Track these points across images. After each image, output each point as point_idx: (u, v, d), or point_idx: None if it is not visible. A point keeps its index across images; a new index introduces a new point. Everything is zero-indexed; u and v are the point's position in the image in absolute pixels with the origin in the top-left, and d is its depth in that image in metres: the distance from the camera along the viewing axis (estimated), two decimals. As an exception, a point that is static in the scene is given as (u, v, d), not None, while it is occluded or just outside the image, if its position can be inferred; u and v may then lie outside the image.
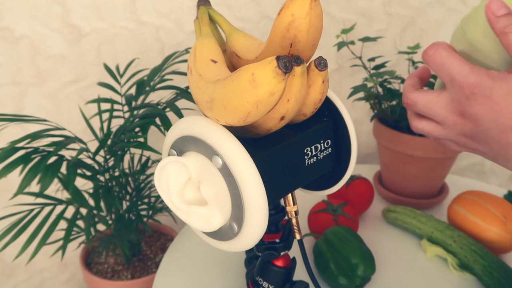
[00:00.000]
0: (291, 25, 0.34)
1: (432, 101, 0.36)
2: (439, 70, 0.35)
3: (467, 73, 0.33)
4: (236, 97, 0.33)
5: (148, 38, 0.93)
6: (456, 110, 0.34)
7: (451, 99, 0.34)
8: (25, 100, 0.91)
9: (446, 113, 0.35)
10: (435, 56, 0.35)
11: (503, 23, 0.33)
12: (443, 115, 0.35)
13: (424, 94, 0.36)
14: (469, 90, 0.33)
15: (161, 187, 0.37)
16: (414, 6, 1.00)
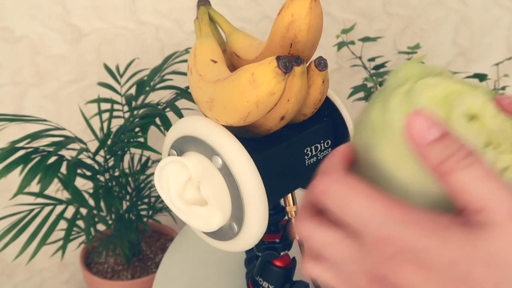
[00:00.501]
0: (291, 25, 0.34)
1: (337, 247, 0.23)
2: (340, 212, 0.22)
3: (384, 220, 0.21)
4: (236, 97, 0.33)
5: (148, 38, 0.93)
6: (372, 272, 0.21)
7: (362, 252, 0.22)
8: (25, 100, 0.91)
9: (354, 269, 0.22)
10: (331, 195, 0.22)
11: (438, 156, 0.20)
12: (352, 271, 0.22)
13: (324, 231, 0.23)
14: (390, 247, 0.20)
15: (161, 187, 0.37)
16: (414, 6, 1.00)
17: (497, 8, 1.01)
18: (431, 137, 0.21)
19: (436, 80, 0.24)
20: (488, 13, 1.01)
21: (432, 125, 0.21)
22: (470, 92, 0.24)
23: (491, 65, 0.82)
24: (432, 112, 0.22)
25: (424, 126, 0.21)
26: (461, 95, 0.24)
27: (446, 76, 0.27)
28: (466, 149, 0.20)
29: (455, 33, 1.03)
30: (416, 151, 0.21)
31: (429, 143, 0.20)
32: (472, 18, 1.02)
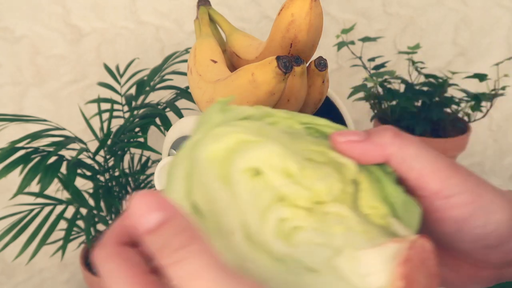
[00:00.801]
0: (291, 25, 0.34)
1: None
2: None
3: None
4: (236, 97, 0.33)
5: (148, 38, 0.93)
6: None
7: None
8: (25, 100, 0.91)
9: None
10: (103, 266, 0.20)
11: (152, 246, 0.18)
12: None
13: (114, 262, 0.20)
14: None
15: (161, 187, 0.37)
16: (414, 6, 1.00)
17: (497, 8, 1.01)
18: (147, 226, 0.18)
19: (224, 130, 0.22)
20: (488, 13, 1.01)
21: (151, 210, 0.18)
22: (256, 143, 0.22)
23: (491, 65, 0.82)
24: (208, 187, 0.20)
25: (141, 212, 0.18)
26: (245, 147, 0.21)
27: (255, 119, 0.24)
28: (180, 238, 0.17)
29: (455, 33, 1.03)
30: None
31: (145, 232, 0.18)
32: (472, 18, 1.02)
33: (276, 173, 0.21)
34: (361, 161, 0.23)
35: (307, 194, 0.21)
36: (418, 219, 0.23)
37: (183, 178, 0.21)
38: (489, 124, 1.12)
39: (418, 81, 0.77)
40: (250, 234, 0.20)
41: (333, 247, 0.20)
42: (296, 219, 0.20)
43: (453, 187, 0.23)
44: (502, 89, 0.73)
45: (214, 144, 0.22)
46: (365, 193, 0.22)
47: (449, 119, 0.75)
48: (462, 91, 0.75)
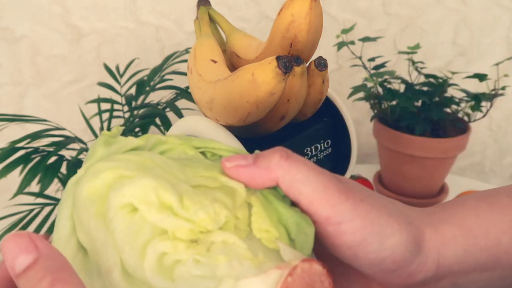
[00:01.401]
0: (291, 25, 0.34)
1: None
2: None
3: None
4: (236, 97, 0.33)
5: (148, 38, 0.93)
6: None
7: None
8: (25, 100, 0.91)
9: None
10: None
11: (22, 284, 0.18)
12: None
13: None
14: None
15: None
16: (414, 6, 1.00)
17: (497, 8, 1.01)
18: (20, 268, 0.18)
19: (103, 165, 0.22)
20: (488, 13, 1.01)
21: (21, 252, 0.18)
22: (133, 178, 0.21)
23: (491, 65, 0.82)
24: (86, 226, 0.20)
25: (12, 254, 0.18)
26: (121, 183, 0.21)
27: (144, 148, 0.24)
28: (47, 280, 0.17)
29: (455, 33, 1.03)
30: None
31: (15, 275, 0.18)
32: (472, 18, 1.02)
33: (152, 207, 0.20)
34: (251, 185, 0.23)
35: (188, 226, 0.20)
36: (311, 239, 0.23)
37: (68, 217, 0.21)
38: (489, 124, 1.12)
39: (418, 81, 0.77)
40: (128, 272, 0.20)
41: (215, 278, 0.19)
42: (177, 253, 0.20)
43: (344, 213, 0.23)
44: (502, 89, 0.72)
45: (91, 181, 0.21)
46: (257, 216, 0.22)
47: (449, 119, 0.75)
48: (462, 91, 0.75)
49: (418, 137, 0.72)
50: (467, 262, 0.25)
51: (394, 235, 0.23)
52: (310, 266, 0.20)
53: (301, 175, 0.23)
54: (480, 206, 0.26)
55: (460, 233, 0.25)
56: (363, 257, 0.23)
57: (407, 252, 0.24)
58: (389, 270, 0.24)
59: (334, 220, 0.23)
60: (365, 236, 0.23)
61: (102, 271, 0.20)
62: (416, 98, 0.74)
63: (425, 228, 0.25)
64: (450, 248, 0.25)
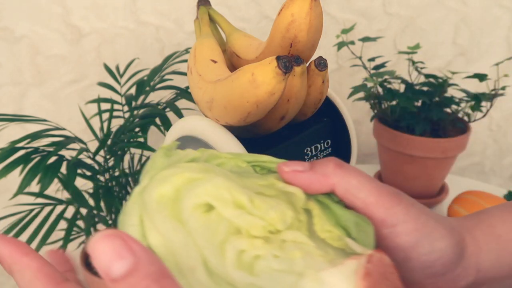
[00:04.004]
0: (291, 25, 0.34)
1: None
2: None
3: None
4: (236, 97, 0.33)
5: (148, 38, 0.93)
6: None
7: None
8: (25, 100, 0.91)
9: None
10: None
11: None
12: None
13: None
14: None
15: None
16: (414, 6, 1.00)
17: (497, 8, 1.01)
18: (116, 273, 0.16)
19: (169, 172, 0.22)
20: (488, 13, 1.01)
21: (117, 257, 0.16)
22: (204, 179, 0.22)
23: (491, 65, 0.82)
24: (160, 229, 0.20)
25: (107, 259, 0.16)
26: (192, 185, 0.22)
27: (199, 161, 0.25)
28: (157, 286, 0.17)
29: (455, 33, 1.03)
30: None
31: (114, 279, 0.16)
32: (472, 18, 1.02)
33: (227, 205, 0.21)
34: (308, 190, 0.24)
35: (261, 224, 0.21)
36: (372, 237, 0.23)
37: (136, 224, 0.21)
38: (489, 124, 1.12)
39: (418, 81, 0.77)
40: (211, 269, 0.20)
41: (295, 272, 0.20)
42: (254, 249, 0.20)
43: (397, 215, 0.24)
44: (502, 89, 0.72)
45: (161, 186, 0.22)
46: (318, 219, 0.23)
47: (449, 119, 0.75)
48: (462, 91, 0.75)
49: (418, 137, 0.72)
50: (501, 267, 0.26)
51: (443, 239, 0.25)
52: (382, 256, 0.21)
53: (356, 181, 0.24)
54: (504, 215, 0.27)
55: (491, 239, 0.27)
56: (415, 259, 0.25)
57: (454, 255, 0.25)
58: (438, 274, 0.25)
59: (389, 222, 0.24)
60: (418, 238, 0.24)
61: (184, 271, 0.20)
62: (416, 98, 0.74)
63: (464, 234, 0.26)
64: (485, 254, 0.26)
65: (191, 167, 0.22)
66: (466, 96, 0.74)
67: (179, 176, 0.22)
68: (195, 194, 0.21)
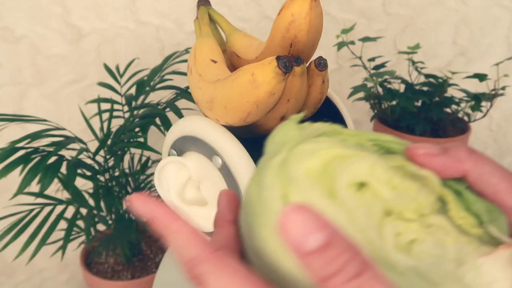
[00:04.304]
0: (291, 25, 0.34)
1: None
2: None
3: None
4: (236, 97, 0.33)
5: (148, 38, 0.93)
6: None
7: None
8: (25, 100, 0.91)
9: None
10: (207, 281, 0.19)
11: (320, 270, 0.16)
12: None
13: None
14: None
15: (161, 187, 0.37)
16: (414, 6, 1.00)
17: (497, 8, 1.01)
18: (311, 246, 0.16)
19: (314, 145, 0.21)
20: (488, 13, 1.01)
21: (313, 230, 0.16)
22: (354, 156, 0.21)
23: (491, 65, 0.82)
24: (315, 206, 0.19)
25: (302, 231, 0.16)
26: (343, 161, 0.21)
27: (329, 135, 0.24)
28: (357, 263, 0.16)
29: (455, 33, 1.03)
30: (298, 258, 0.17)
31: (309, 252, 0.16)
32: (472, 18, 1.02)
33: (383, 185, 0.20)
34: (441, 174, 0.23)
35: (413, 206, 0.21)
36: (505, 225, 0.23)
37: (279, 197, 0.20)
38: (489, 124, 1.12)
39: (418, 81, 0.77)
40: (373, 250, 0.19)
41: (451, 259, 0.20)
42: (410, 232, 0.20)
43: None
44: (502, 89, 0.72)
45: (308, 160, 0.21)
46: (452, 204, 0.22)
47: (449, 119, 0.75)
48: (462, 91, 0.75)
49: (418, 137, 0.72)
50: None
51: None
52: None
53: (488, 167, 0.24)
54: None
55: None
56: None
57: None
58: None
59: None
60: None
61: None
62: (416, 98, 0.74)
63: None
64: None
65: (335, 143, 0.22)
66: (466, 96, 0.74)
67: (328, 151, 0.21)
68: (351, 171, 0.20)
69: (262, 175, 0.21)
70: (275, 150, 0.22)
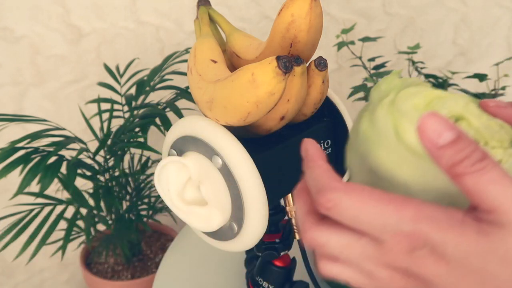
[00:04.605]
0: (291, 25, 0.34)
1: (353, 245, 0.23)
2: (354, 224, 0.22)
3: (397, 221, 0.21)
4: (236, 97, 0.33)
5: (148, 38, 0.93)
6: (393, 265, 0.22)
7: (382, 249, 0.22)
8: (25, 100, 0.91)
9: (376, 264, 0.23)
10: (340, 208, 0.22)
11: (451, 158, 0.21)
12: (372, 265, 0.23)
13: (337, 233, 0.23)
14: (408, 243, 0.21)
15: (161, 187, 0.37)
16: (414, 6, 1.00)
17: (497, 8, 1.01)
18: (444, 141, 0.21)
19: (416, 89, 0.26)
20: (488, 13, 1.01)
21: (445, 128, 0.21)
22: (450, 96, 0.26)
23: (491, 65, 0.82)
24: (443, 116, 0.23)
25: (437, 129, 0.21)
26: (442, 100, 0.26)
27: (425, 86, 0.28)
28: (479, 152, 0.21)
29: (455, 33, 1.03)
30: (431, 155, 0.22)
31: (442, 146, 0.21)
32: (472, 18, 1.02)
33: (476, 118, 0.25)
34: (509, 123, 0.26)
35: (497, 138, 0.25)
36: None
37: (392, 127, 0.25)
38: (489, 124, 1.12)
39: (418, 81, 0.77)
40: None
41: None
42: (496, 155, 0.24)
43: None
44: (502, 89, 0.72)
45: (414, 98, 0.26)
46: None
47: (449, 119, 0.75)
48: (462, 91, 0.75)
49: (418, 137, 0.72)
50: None
51: None
52: None
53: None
54: None
55: None
56: None
57: None
58: None
59: None
60: None
61: None
62: (416, 98, 0.74)
63: None
64: None
65: (432, 88, 0.27)
66: (466, 96, 0.74)
67: (430, 92, 0.26)
68: (450, 106, 0.25)
69: (373, 114, 0.27)
70: (382, 96, 0.27)
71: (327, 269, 0.25)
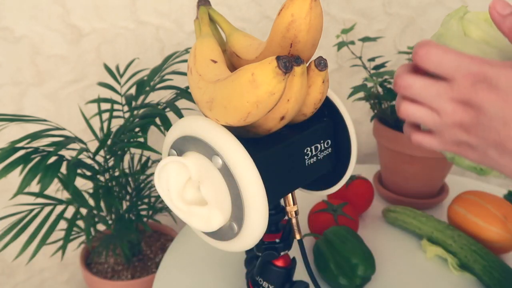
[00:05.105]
0: (291, 25, 0.34)
1: (431, 86, 0.32)
2: (437, 69, 0.31)
3: (468, 64, 0.30)
4: (236, 97, 0.33)
5: (148, 38, 0.93)
6: (458, 98, 0.31)
7: (452, 87, 0.31)
8: (25, 100, 0.91)
9: (445, 100, 0.32)
10: (429, 55, 0.31)
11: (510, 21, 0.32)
12: (442, 101, 0.32)
13: (421, 78, 0.33)
14: (473, 79, 0.30)
15: (161, 187, 0.37)
16: (414, 6, 1.00)
17: (497, 8, 1.01)
18: (506, 12, 0.33)
19: (479, 12, 0.40)
20: (488, 13, 1.01)
21: (507, 5, 0.33)
22: None
23: (491, 65, 0.82)
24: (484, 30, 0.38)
25: (503, 5, 0.33)
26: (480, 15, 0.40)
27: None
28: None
29: (455, 33, 1.03)
30: (496, 21, 0.33)
31: (505, 15, 0.32)
32: (472, 18, 1.01)
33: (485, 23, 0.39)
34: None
35: None
36: None
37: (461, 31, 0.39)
38: (489, 124, 1.12)
39: (418, 81, 0.77)
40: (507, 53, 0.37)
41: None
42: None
43: None
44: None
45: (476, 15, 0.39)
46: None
47: (449, 119, 0.75)
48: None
49: (418, 137, 0.72)
50: None
51: None
52: None
53: None
54: None
55: None
56: None
57: None
58: None
59: None
60: None
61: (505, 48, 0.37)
62: (416, 98, 0.74)
63: None
64: None
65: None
66: (466, 96, 0.74)
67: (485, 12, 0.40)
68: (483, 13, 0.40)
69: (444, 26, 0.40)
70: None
71: (406, 108, 0.33)
